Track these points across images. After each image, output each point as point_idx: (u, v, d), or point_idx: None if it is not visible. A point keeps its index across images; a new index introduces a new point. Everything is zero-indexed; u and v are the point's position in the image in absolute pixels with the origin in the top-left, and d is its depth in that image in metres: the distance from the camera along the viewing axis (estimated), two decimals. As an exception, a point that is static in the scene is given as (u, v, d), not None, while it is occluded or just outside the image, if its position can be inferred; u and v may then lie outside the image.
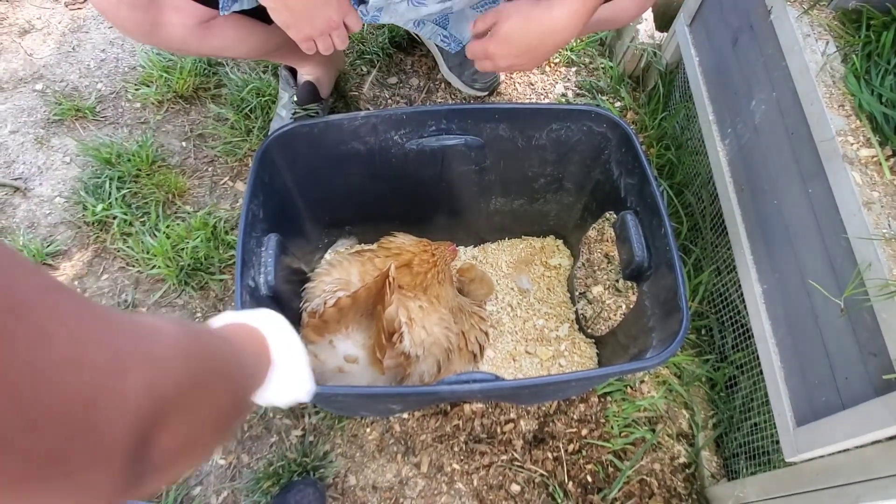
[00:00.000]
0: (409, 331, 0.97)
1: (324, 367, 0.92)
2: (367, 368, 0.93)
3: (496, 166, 1.17)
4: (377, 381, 0.94)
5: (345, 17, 1.05)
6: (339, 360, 0.92)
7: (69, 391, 0.27)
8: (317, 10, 1.00)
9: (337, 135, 1.06)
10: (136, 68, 1.69)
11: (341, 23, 1.04)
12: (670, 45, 1.50)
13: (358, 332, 0.94)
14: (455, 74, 1.63)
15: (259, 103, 1.56)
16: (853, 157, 0.82)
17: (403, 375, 0.98)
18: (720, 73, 1.24)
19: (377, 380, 0.94)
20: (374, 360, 0.91)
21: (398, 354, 0.93)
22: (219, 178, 1.51)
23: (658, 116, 1.53)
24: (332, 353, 0.92)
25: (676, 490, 1.16)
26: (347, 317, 0.90)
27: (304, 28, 1.02)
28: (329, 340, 0.92)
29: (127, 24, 1.07)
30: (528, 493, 1.16)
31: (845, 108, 0.88)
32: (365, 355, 0.92)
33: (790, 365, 0.94)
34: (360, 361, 0.92)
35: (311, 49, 1.07)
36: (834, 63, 0.92)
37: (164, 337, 0.35)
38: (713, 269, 1.25)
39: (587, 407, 1.23)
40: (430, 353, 1.00)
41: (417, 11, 1.13)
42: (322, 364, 0.92)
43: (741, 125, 1.13)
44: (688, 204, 1.38)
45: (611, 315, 1.33)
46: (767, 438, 1.03)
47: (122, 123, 1.59)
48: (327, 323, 0.89)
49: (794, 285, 0.94)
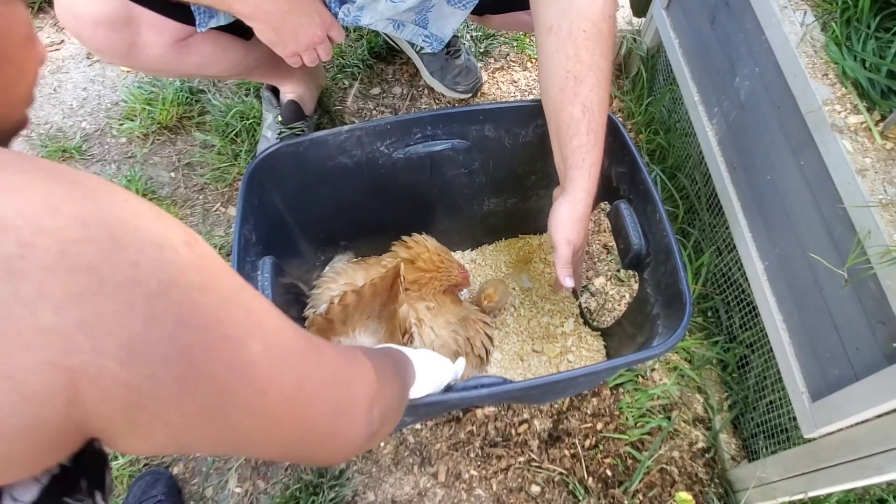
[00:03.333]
0: (418, 331, 0.96)
1: None
2: None
3: (485, 167, 1.17)
4: None
5: (328, 30, 1.06)
6: None
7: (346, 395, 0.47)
8: (301, 28, 1.02)
9: (323, 151, 1.05)
10: (119, 103, 1.68)
11: (325, 36, 1.06)
12: (649, 30, 1.50)
13: (365, 335, 0.92)
14: (437, 79, 1.63)
15: (244, 126, 1.55)
16: (842, 126, 0.81)
17: None
18: (701, 53, 1.23)
19: None
20: None
21: None
22: (210, 206, 1.51)
23: (644, 102, 1.52)
24: None
25: (698, 476, 1.15)
26: (353, 317, 0.88)
27: (289, 45, 1.04)
28: (336, 343, 0.91)
29: (104, 46, 1.07)
30: (548, 493, 1.14)
31: (829, 76, 0.87)
32: None
33: (800, 340, 0.93)
34: None
35: (298, 63, 1.09)
36: (814, 32, 0.92)
37: (368, 352, 0.54)
38: (713, 249, 1.24)
39: (600, 400, 1.22)
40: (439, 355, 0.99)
41: (395, 8, 1.12)
42: None
43: (727, 103, 1.13)
44: (682, 187, 1.37)
45: (615, 306, 1.32)
46: (785, 416, 1.02)
47: (110, 160, 1.59)
48: (332, 323, 0.87)
49: (796, 259, 0.93)
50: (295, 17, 1.01)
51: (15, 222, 0.28)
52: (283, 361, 0.39)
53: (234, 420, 0.37)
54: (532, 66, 1.74)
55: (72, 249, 0.29)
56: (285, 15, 1.00)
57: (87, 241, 0.29)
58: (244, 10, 0.97)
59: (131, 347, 0.30)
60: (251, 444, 0.40)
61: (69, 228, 0.29)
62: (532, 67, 1.74)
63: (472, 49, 1.75)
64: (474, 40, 1.79)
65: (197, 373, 0.33)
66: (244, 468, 1.18)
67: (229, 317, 0.35)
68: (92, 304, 0.29)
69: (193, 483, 1.17)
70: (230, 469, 1.17)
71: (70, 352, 0.29)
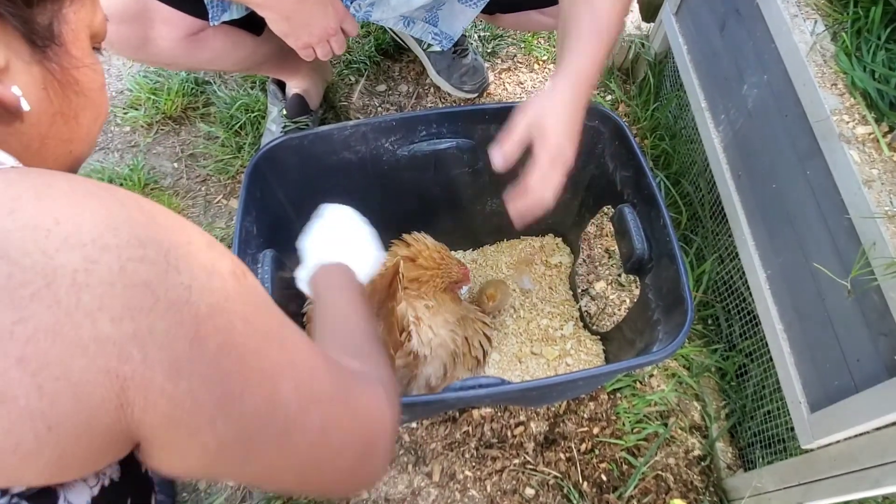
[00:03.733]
0: (416, 329, 0.96)
1: None
2: None
3: (490, 168, 1.16)
4: None
5: (341, 22, 1.05)
6: None
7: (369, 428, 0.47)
8: (314, 19, 1.01)
9: (327, 146, 1.05)
10: (124, 92, 1.68)
11: (339, 28, 1.05)
12: (658, 35, 1.50)
13: None
14: (444, 78, 1.62)
15: (249, 119, 1.55)
16: (850, 136, 0.81)
17: (410, 377, 0.96)
18: (710, 60, 1.23)
19: None
20: None
21: (406, 354, 0.92)
22: (212, 197, 1.50)
23: (650, 107, 1.52)
24: None
25: (693, 484, 1.15)
26: None
27: (302, 36, 1.03)
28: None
29: (116, 40, 1.07)
30: (542, 496, 1.14)
31: (838, 86, 0.86)
32: None
33: (800, 350, 0.93)
34: None
35: (311, 56, 1.08)
36: (824, 42, 0.91)
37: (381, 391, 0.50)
38: (715, 257, 1.24)
39: (597, 405, 1.21)
40: (437, 354, 0.99)
41: (408, 4, 1.12)
42: None
43: (734, 111, 1.12)
44: (686, 193, 1.37)
45: (615, 310, 1.32)
46: (782, 426, 1.01)
47: (113, 148, 1.59)
48: None
49: (799, 269, 0.92)
50: (308, 7, 1.00)
51: (82, 239, 0.31)
52: (312, 404, 0.40)
53: (261, 453, 0.38)
54: (539, 67, 1.74)
55: (130, 267, 0.32)
56: (298, 5, 0.98)
57: (145, 260, 0.32)
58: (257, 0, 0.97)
59: (177, 363, 0.33)
60: (275, 480, 0.42)
61: (129, 248, 0.32)
62: (539, 69, 1.74)
63: (479, 49, 1.75)
64: (482, 40, 1.79)
65: (232, 398, 0.35)
66: (238, 461, 1.17)
67: (267, 351, 0.37)
68: (146, 319, 0.32)
69: (187, 475, 1.16)
70: (224, 462, 1.17)
71: (123, 361, 0.31)
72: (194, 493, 1.15)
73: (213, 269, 0.35)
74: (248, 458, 0.38)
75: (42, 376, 0.29)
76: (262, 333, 0.37)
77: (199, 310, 0.33)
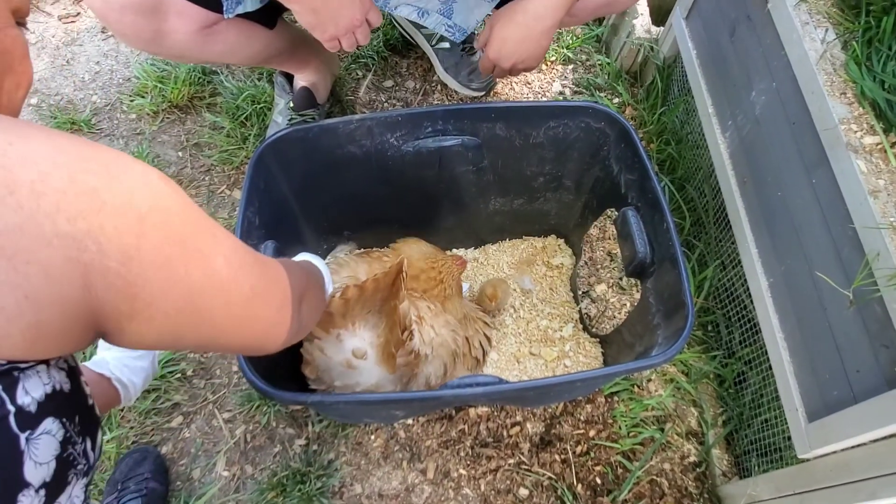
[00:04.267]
0: (418, 328, 0.96)
1: (330, 362, 0.90)
2: (375, 367, 0.91)
3: (494, 166, 1.16)
4: (386, 380, 0.92)
5: (366, 13, 1.05)
6: (347, 353, 0.90)
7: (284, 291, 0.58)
8: (341, 11, 1.01)
9: (332, 139, 1.05)
10: (131, 79, 1.68)
11: (364, 20, 1.05)
12: (667, 39, 1.49)
13: (365, 329, 0.92)
14: (451, 75, 1.62)
15: (255, 110, 1.55)
16: (857, 145, 0.81)
17: (411, 376, 0.96)
18: (718, 66, 1.23)
19: (386, 378, 0.92)
20: (383, 359, 0.90)
21: (408, 353, 0.92)
22: (216, 187, 1.50)
23: (657, 111, 1.52)
24: (339, 347, 0.90)
25: (687, 489, 1.14)
26: (353, 310, 0.88)
27: (329, 28, 1.03)
28: (336, 335, 0.90)
29: (130, 31, 1.06)
30: (536, 497, 1.14)
31: (847, 95, 0.86)
32: (373, 353, 0.91)
33: (800, 359, 0.93)
34: (368, 359, 0.90)
35: (336, 48, 1.09)
36: (834, 50, 0.91)
37: (293, 265, 0.65)
38: (717, 263, 1.24)
39: (594, 407, 1.21)
40: (437, 354, 0.99)
41: None
42: (329, 359, 0.90)
43: (741, 117, 1.12)
44: (690, 199, 1.36)
45: (615, 313, 1.32)
46: (779, 435, 1.01)
47: (118, 135, 1.59)
48: (332, 315, 0.87)
49: (802, 278, 0.92)
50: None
51: (34, 157, 0.38)
52: (240, 270, 0.50)
53: (210, 312, 0.48)
54: (547, 69, 1.74)
55: (79, 178, 0.39)
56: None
57: (90, 172, 0.39)
58: None
59: (127, 253, 0.40)
60: (224, 335, 0.51)
61: (76, 163, 0.39)
62: (547, 70, 1.73)
63: (487, 48, 1.75)
64: (491, 39, 1.78)
65: (177, 274, 0.44)
66: (233, 451, 1.17)
67: (199, 236, 0.46)
68: (97, 218, 0.39)
69: (181, 463, 1.16)
70: (219, 452, 1.17)
71: (82, 251, 0.38)
72: (188, 482, 1.15)
73: (147, 176, 0.43)
74: (201, 320, 0.48)
75: (16, 260, 0.36)
76: (192, 222, 0.46)
77: (140, 210, 0.41)
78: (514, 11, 1.03)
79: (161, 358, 1.23)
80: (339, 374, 0.90)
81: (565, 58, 1.74)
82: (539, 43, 1.05)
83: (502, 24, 1.05)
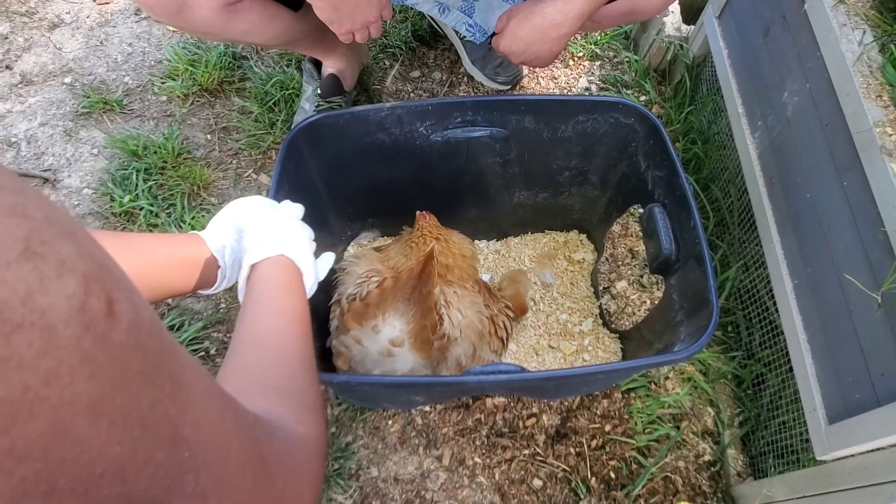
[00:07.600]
0: (447, 312, 0.97)
1: (367, 351, 0.92)
2: (409, 353, 0.92)
3: (521, 159, 1.16)
4: (419, 365, 0.94)
5: (381, 10, 1.09)
6: (384, 343, 0.91)
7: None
8: (359, 8, 1.07)
9: (363, 126, 1.06)
10: (162, 62, 1.70)
11: (379, 15, 1.09)
12: (698, 38, 1.48)
13: (395, 317, 0.93)
14: (478, 68, 1.62)
15: (283, 96, 1.56)
16: (891, 148, 0.80)
17: (440, 359, 0.97)
18: (750, 66, 1.22)
19: (419, 363, 0.93)
20: (417, 345, 0.91)
21: (440, 336, 0.93)
22: (243, 171, 1.52)
23: (684, 110, 1.51)
24: (376, 338, 0.91)
25: (701, 488, 1.15)
26: (387, 301, 0.90)
27: (346, 24, 1.09)
28: (372, 326, 0.92)
29: (156, 4, 1.09)
30: (549, 488, 1.15)
31: (883, 98, 0.85)
32: (407, 340, 0.92)
33: (822, 362, 0.92)
34: (404, 346, 0.92)
35: (350, 40, 1.14)
36: (871, 53, 0.90)
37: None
38: (740, 265, 1.23)
39: (610, 403, 1.22)
40: (466, 336, 1.00)
41: None
42: (365, 349, 0.92)
43: (772, 117, 1.11)
44: (714, 199, 1.36)
45: (635, 310, 1.32)
46: (796, 437, 1.01)
47: (149, 116, 1.61)
48: (369, 307, 0.89)
49: (828, 280, 0.92)
50: None
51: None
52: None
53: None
54: (574, 63, 1.73)
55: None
56: None
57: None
58: None
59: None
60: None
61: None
62: (573, 66, 1.73)
63: (515, 41, 1.75)
64: (518, 33, 1.78)
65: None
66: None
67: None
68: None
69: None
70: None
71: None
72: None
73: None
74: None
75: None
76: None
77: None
78: (532, 13, 1.04)
79: (186, 336, 1.25)
80: (375, 363, 0.92)
81: (592, 54, 1.74)
82: (550, 49, 1.07)
83: (518, 21, 1.06)
